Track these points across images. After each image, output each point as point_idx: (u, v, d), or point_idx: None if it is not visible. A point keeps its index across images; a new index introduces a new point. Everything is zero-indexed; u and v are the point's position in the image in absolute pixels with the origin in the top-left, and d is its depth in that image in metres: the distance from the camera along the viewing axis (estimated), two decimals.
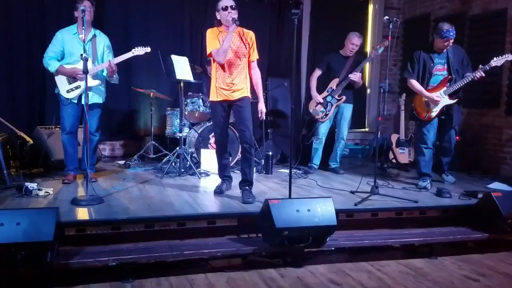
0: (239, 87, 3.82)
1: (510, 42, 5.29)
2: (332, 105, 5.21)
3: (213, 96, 3.87)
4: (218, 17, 3.78)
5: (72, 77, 4.12)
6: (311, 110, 5.31)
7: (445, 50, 4.51)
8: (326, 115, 5.23)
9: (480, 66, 4.33)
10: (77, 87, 4.14)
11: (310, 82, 5.36)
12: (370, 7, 7.30)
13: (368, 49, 7.31)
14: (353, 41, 5.14)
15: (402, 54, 7.24)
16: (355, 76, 5.07)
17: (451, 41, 4.41)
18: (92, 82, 4.10)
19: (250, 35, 3.86)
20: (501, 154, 5.46)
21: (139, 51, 4.19)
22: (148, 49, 4.23)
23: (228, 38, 3.66)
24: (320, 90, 5.30)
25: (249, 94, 3.90)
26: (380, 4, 7.19)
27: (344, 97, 5.21)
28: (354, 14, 7.16)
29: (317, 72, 5.33)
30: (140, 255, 2.96)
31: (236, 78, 3.80)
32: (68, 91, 4.15)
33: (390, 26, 4.01)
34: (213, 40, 3.78)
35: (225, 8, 3.70)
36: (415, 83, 4.58)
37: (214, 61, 3.81)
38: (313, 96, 5.27)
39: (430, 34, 6.56)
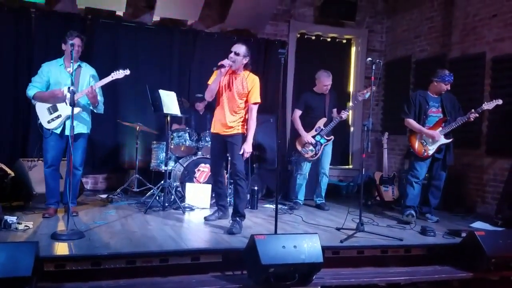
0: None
1: (489, 84, 5.48)
2: (321, 144, 5.26)
3: None
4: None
5: (52, 106, 4.07)
6: (299, 149, 5.29)
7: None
8: (316, 154, 5.26)
9: (472, 110, 4.58)
10: (57, 117, 4.09)
11: (295, 123, 5.34)
12: (353, 49, 7.54)
13: (350, 88, 7.51)
14: (325, 83, 5.21)
15: (383, 94, 7.44)
16: (345, 115, 5.18)
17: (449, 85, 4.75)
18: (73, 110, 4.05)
19: None
20: (482, 193, 5.54)
21: (118, 74, 4.14)
22: (127, 72, 4.17)
23: None
24: (305, 128, 5.29)
25: None
26: (362, 46, 7.43)
27: (332, 137, 5.29)
28: (337, 54, 7.40)
29: (298, 113, 5.35)
30: None
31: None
32: (49, 122, 4.10)
33: (373, 68, 4.16)
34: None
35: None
36: (413, 122, 4.77)
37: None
38: (304, 137, 5.24)
39: (410, 75, 6.79)
